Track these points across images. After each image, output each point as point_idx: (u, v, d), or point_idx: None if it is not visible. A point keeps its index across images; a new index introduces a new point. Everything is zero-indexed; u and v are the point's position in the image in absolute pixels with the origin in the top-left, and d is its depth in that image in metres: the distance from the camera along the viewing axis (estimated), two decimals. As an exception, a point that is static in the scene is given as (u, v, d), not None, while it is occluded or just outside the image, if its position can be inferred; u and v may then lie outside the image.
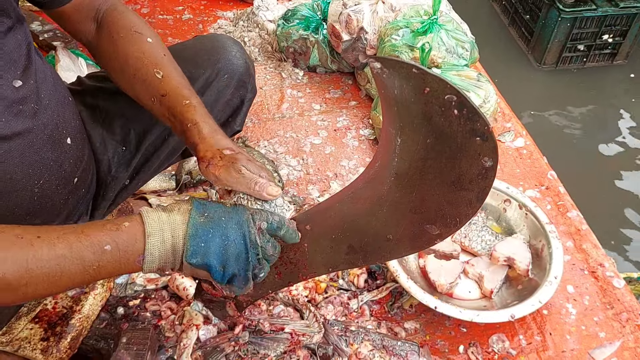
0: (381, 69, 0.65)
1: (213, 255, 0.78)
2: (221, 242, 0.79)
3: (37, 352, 1.05)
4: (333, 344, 1.15)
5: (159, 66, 1.05)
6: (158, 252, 0.78)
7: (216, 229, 0.79)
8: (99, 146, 1.25)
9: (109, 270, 0.77)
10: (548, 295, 1.21)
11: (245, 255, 0.80)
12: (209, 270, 0.79)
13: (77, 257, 0.74)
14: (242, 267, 0.80)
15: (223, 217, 0.80)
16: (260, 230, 0.82)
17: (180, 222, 0.79)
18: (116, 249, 0.76)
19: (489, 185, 0.71)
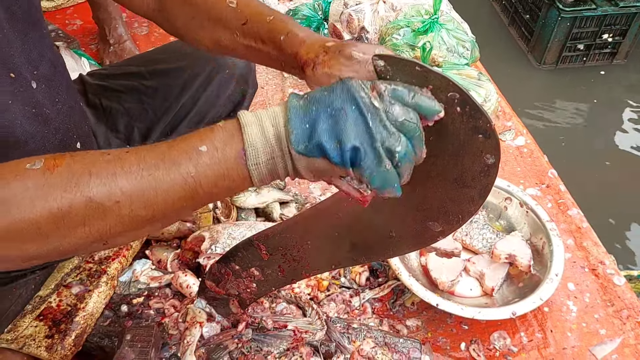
0: (384, 67, 0.65)
1: (322, 133, 0.61)
2: (327, 116, 0.61)
3: (41, 349, 1.06)
4: (335, 341, 1.15)
5: None
6: (260, 143, 0.63)
7: (319, 104, 0.62)
8: (103, 145, 1.25)
9: (211, 179, 0.64)
10: (549, 293, 1.22)
11: (362, 120, 0.60)
12: (325, 153, 0.61)
13: (171, 163, 0.62)
14: (365, 137, 0.60)
15: (325, 92, 0.63)
16: (380, 94, 0.62)
17: (280, 110, 0.64)
18: (213, 149, 0.63)
19: (491, 183, 0.72)
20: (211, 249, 1.27)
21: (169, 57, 1.34)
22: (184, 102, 1.32)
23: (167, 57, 1.35)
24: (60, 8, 2.39)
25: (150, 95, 1.29)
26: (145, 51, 1.46)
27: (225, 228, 1.29)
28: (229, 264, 1.02)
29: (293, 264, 0.97)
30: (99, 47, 2.11)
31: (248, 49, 0.92)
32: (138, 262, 1.30)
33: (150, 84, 1.29)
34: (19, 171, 0.60)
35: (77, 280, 1.18)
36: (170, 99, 1.30)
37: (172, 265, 1.31)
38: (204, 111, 1.34)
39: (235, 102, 1.39)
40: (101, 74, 1.34)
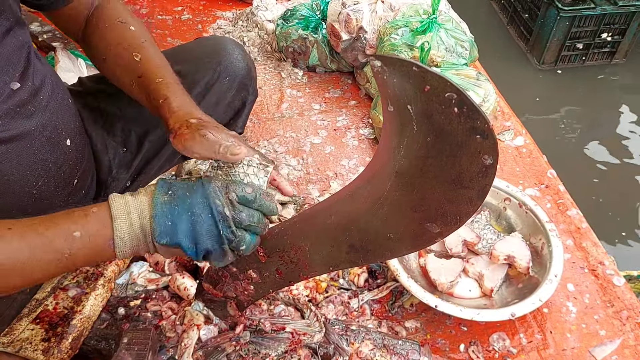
0: (382, 67, 0.65)
1: (181, 233, 0.76)
2: (188, 219, 0.76)
3: (38, 352, 1.05)
4: (334, 343, 1.15)
5: (137, 50, 1.05)
6: (128, 235, 0.76)
7: (181, 205, 0.76)
8: (100, 147, 1.25)
9: (82, 258, 0.76)
10: (548, 294, 1.21)
11: (215, 229, 0.77)
12: (182, 248, 0.77)
13: (48, 245, 0.74)
14: (215, 241, 0.77)
15: (187, 192, 0.77)
16: (230, 202, 0.78)
17: (146, 203, 0.77)
18: (86, 235, 0.75)
19: (490, 183, 0.71)
20: (209, 251, 1.26)
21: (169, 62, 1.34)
22: None
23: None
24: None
25: None
26: None
27: (223, 230, 1.29)
28: (227, 266, 1.01)
29: (291, 266, 0.96)
30: (96, 48, 2.10)
31: (140, 99, 1.04)
32: (135, 264, 1.30)
33: None
34: None
35: (74, 283, 1.17)
36: None
37: (169, 267, 1.30)
38: None
39: (235, 109, 1.38)
40: (99, 77, 1.34)
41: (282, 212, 1.50)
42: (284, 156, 1.78)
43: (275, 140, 1.84)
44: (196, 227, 0.76)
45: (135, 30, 1.10)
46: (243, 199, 0.79)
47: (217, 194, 0.77)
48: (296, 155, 1.78)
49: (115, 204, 0.77)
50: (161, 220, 0.76)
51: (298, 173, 1.72)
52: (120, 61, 1.05)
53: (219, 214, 0.76)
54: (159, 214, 0.76)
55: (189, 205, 0.76)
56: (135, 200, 0.77)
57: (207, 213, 0.76)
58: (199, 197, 0.76)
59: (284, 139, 1.85)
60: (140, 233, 0.77)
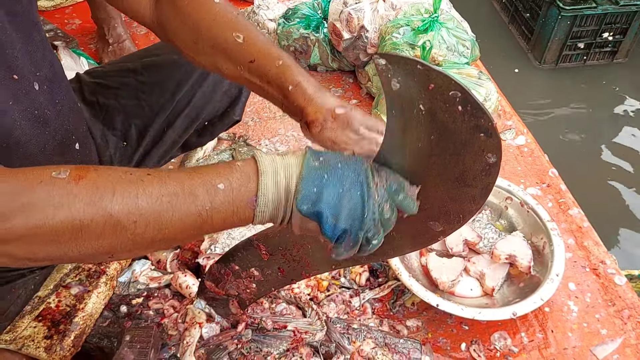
0: (385, 66, 0.65)
1: (325, 203, 0.67)
2: (335, 190, 0.68)
3: (40, 350, 1.06)
4: (335, 341, 1.15)
5: (236, 29, 0.93)
6: (271, 194, 0.69)
7: (331, 174, 0.68)
8: (100, 142, 1.25)
9: (222, 215, 0.68)
10: (550, 293, 1.22)
11: (361, 208, 0.68)
12: (320, 221, 0.68)
13: (190, 194, 0.67)
14: (356, 223, 0.68)
15: (339, 164, 0.69)
16: (382, 187, 0.70)
17: (295, 164, 0.69)
18: (229, 188, 0.68)
19: (493, 182, 0.71)
20: (210, 249, 1.26)
21: (164, 53, 1.33)
22: (180, 98, 1.31)
23: (162, 52, 1.34)
24: (59, 7, 2.39)
25: (146, 91, 1.29)
26: (142, 48, 1.45)
27: (225, 228, 1.29)
28: (229, 264, 1.01)
29: (293, 264, 0.96)
30: (97, 47, 2.10)
31: (252, 84, 0.94)
32: (137, 262, 1.30)
33: (146, 80, 1.29)
34: (44, 177, 0.62)
35: (77, 281, 1.17)
36: (166, 94, 1.29)
37: (171, 266, 1.30)
38: (200, 106, 1.33)
39: (232, 97, 1.38)
40: (97, 72, 1.34)
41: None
42: (285, 155, 1.77)
43: (276, 139, 1.84)
44: (342, 200, 0.68)
45: (221, 2, 0.97)
46: (390, 188, 0.71)
47: (370, 174, 0.69)
48: (298, 154, 1.78)
49: (264, 159, 0.70)
50: (308, 184, 0.68)
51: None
52: (220, 44, 0.94)
53: (368, 196, 0.68)
54: (307, 177, 0.68)
55: (340, 176, 0.68)
56: (283, 160, 0.70)
57: (357, 190, 0.68)
58: (352, 172, 0.68)
59: (286, 137, 1.85)
60: (283, 194, 0.69)
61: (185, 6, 0.96)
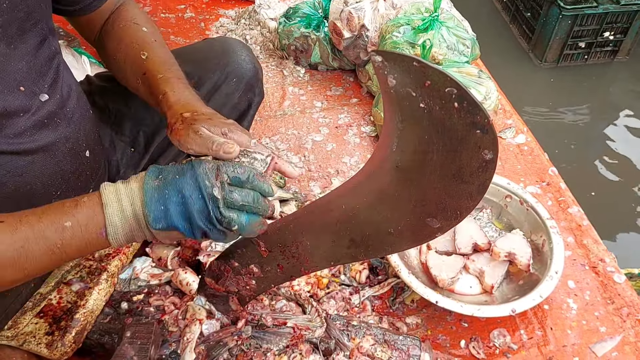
0: (382, 63, 0.65)
1: (175, 216, 0.76)
2: (179, 201, 0.76)
3: (42, 346, 1.06)
4: (335, 338, 1.15)
5: (145, 49, 1.05)
6: (120, 222, 0.76)
7: (171, 188, 0.76)
8: (108, 147, 1.26)
9: (75, 248, 0.76)
10: (549, 290, 1.22)
11: (206, 209, 0.76)
12: (179, 231, 0.77)
13: (40, 237, 0.74)
14: (208, 221, 0.77)
15: (177, 175, 0.77)
16: (221, 183, 0.77)
17: (137, 189, 0.77)
18: (77, 225, 0.75)
19: (490, 178, 0.72)
20: (211, 247, 1.27)
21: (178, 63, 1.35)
22: None
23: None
24: (61, 7, 2.39)
25: None
26: None
27: (225, 225, 1.29)
28: (228, 261, 1.02)
29: (292, 261, 0.97)
30: (99, 46, 2.11)
31: (145, 96, 1.04)
32: (138, 259, 1.31)
33: None
34: None
35: (78, 278, 1.18)
36: None
37: (172, 263, 1.31)
38: None
39: (241, 110, 1.39)
40: (108, 76, 1.34)
41: (284, 208, 1.51)
42: (285, 153, 1.78)
43: (277, 137, 1.84)
44: (188, 207, 0.76)
45: (147, 31, 1.10)
46: (235, 180, 0.78)
47: (207, 175, 0.76)
48: (298, 153, 1.79)
49: (106, 191, 0.77)
50: (153, 205, 0.76)
51: (300, 170, 1.72)
52: (129, 59, 1.06)
53: (208, 195, 0.75)
54: (150, 200, 0.76)
55: (179, 187, 0.76)
56: (126, 187, 0.77)
57: (197, 194, 0.75)
58: (189, 179, 0.76)
59: (286, 136, 1.85)
60: (132, 219, 0.77)
61: (119, 29, 1.11)
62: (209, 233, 0.78)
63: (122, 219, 0.76)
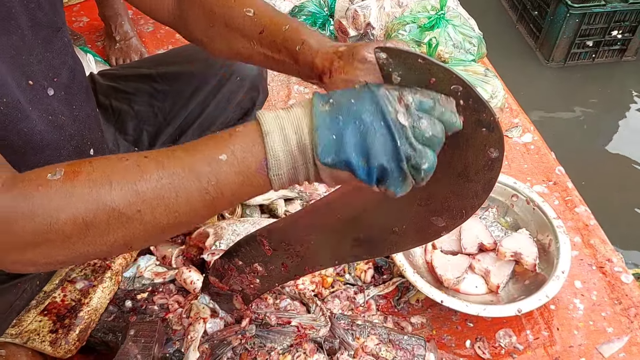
0: (386, 59, 0.65)
1: (350, 148, 0.60)
2: (356, 129, 0.60)
3: (46, 344, 1.07)
4: (339, 337, 1.15)
5: (246, 4, 0.93)
6: (282, 153, 0.62)
7: (346, 114, 0.61)
8: (112, 146, 1.25)
9: (232, 187, 0.63)
10: (555, 290, 1.21)
11: (391, 141, 0.60)
12: (351, 168, 0.61)
13: (191, 171, 0.62)
14: (392, 157, 0.60)
15: (352, 99, 0.61)
16: (407, 107, 0.61)
17: (303, 115, 0.62)
18: (233, 157, 0.62)
19: (495, 177, 0.71)
20: (215, 245, 1.26)
21: (181, 61, 1.35)
22: (194, 108, 1.33)
23: (179, 60, 1.35)
24: (66, 5, 2.39)
25: (161, 98, 1.30)
26: (158, 53, 1.47)
27: (230, 224, 1.29)
28: (232, 260, 1.02)
29: (296, 260, 0.96)
30: (105, 44, 2.11)
31: (265, 58, 0.92)
32: (142, 257, 1.31)
33: (160, 88, 1.30)
34: (40, 182, 0.62)
35: (82, 276, 1.18)
36: (180, 103, 1.30)
37: (176, 261, 1.31)
38: (213, 117, 1.35)
39: (245, 109, 1.39)
40: (112, 75, 1.34)
41: (288, 207, 1.51)
42: (291, 152, 1.77)
43: (282, 136, 1.84)
44: (367, 138, 0.60)
45: None
46: (421, 105, 0.62)
47: (390, 99, 0.61)
48: (303, 151, 1.78)
49: (266, 117, 0.63)
50: (324, 133, 0.60)
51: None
52: (233, 22, 0.94)
53: (394, 123, 0.60)
54: (321, 126, 0.60)
55: (356, 112, 0.60)
56: (289, 113, 0.63)
57: (380, 121, 0.60)
58: (368, 104, 0.61)
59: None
60: (297, 151, 0.62)
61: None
62: (389, 175, 0.61)
63: (286, 150, 0.62)
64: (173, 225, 0.65)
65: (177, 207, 0.63)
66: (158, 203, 0.62)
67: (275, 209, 1.47)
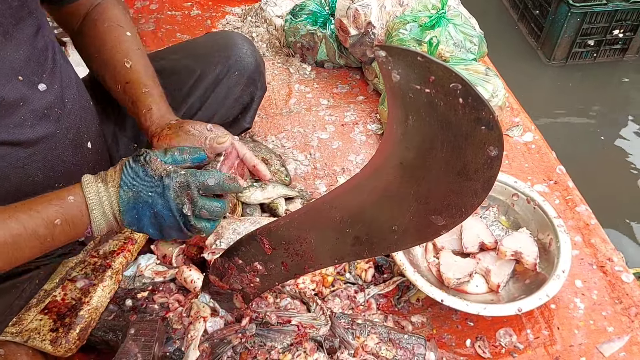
0: (386, 58, 0.65)
1: (147, 226, 0.87)
2: (151, 215, 0.85)
3: (46, 342, 1.07)
4: (339, 336, 1.15)
5: (129, 57, 1.10)
6: (104, 222, 0.86)
7: (143, 204, 0.85)
8: (111, 143, 1.26)
9: (63, 240, 0.85)
10: (555, 289, 1.21)
11: (177, 225, 0.86)
12: (149, 234, 0.89)
13: (32, 233, 0.81)
14: (179, 231, 0.87)
15: (150, 193, 0.84)
16: (192, 199, 0.85)
17: (114, 195, 0.85)
18: (65, 223, 0.84)
19: (495, 175, 0.71)
20: (216, 244, 1.26)
21: (179, 57, 1.35)
22: (192, 103, 1.33)
23: (177, 57, 1.35)
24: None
25: None
26: (157, 50, 1.46)
27: (230, 223, 1.29)
28: (232, 258, 1.02)
29: (296, 259, 0.96)
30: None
31: (124, 102, 1.11)
32: (143, 256, 1.31)
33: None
34: None
35: (82, 275, 1.18)
36: (178, 99, 1.30)
37: (177, 260, 1.31)
38: (211, 113, 1.34)
39: (244, 104, 1.39)
40: None
41: (289, 206, 1.51)
42: (291, 151, 1.78)
43: (282, 135, 1.84)
44: (159, 221, 0.86)
45: (131, 36, 1.15)
46: (206, 190, 0.86)
47: (178, 194, 0.84)
48: (304, 151, 1.78)
49: (90, 194, 0.85)
50: (128, 214, 0.85)
51: (305, 168, 1.72)
52: (112, 63, 1.10)
53: (178, 212, 0.85)
54: (126, 210, 0.85)
55: (151, 205, 0.84)
56: (106, 190, 0.85)
57: (168, 213, 0.85)
58: (160, 199, 0.84)
59: (292, 134, 1.85)
60: (112, 219, 0.87)
61: (103, 27, 1.14)
62: (178, 237, 0.90)
63: (105, 220, 0.86)
64: (11, 266, 0.84)
65: (19, 256, 0.83)
66: (3, 255, 0.80)
67: (275, 207, 1.47)
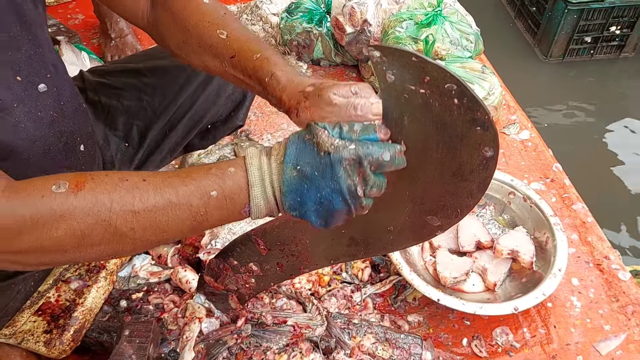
0: (380, 58, 0.64)
1: (311, 213, 0.73)
2: (317, 199, 0.71)
3: (40, 344, 1.06)
4: (336, 336, 1.14)
5: (221, 26, 0.95)
6: (263, 202, 0.73)
7: (309, 185, 0.71)
8: (102, 143, 1.25)
9: (216, 218, 0.74)
10: (552, 288, 1.20)
11: (347, 209, 0.72)
12: (310, 221, 0.74)
13: (185, 202, 0.71)
14: (347, 216, 0.73)
15: (316, 173, 0.70)
16: (364, 178, 0.70)
17: (277, 173, 0.73)
18: (222, 196, 0.72)
19: (490, 176, 0.71)
20: (211, 244, 1.26)
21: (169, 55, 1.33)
22: (183, 101, 1.31)
23: (167, 55, 1.34)
24: (62, 2, 2.39)
25: (150, 93, 1.28)
26: (147, 48, 1.45)
27: (226, 223, 1.28)
28: (227, 259, 1.01)
29: (291, 259, 0.96)
30: (100, 41, 2.10)
31: (237, 80, 0.96)
32: (137, 257, 1.30)
33: (149, 82, 1.28)
34: (45, 192, 0.68)
35: (76, 276, 1.17)
36: (169, 97, 1.29)
37: (172, 261, 1.30)
38: (203, 110, 1.33)
39: (236, 101, 1.38)
40: (101, 71, 1.33)
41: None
42: (287, 150, 1.77)
43: (279, 133, 1.83)
44: (326, 207, 0.72)
45: (210, 2, 1.00)
46: (379, 167, 0.70)
47: (349, 174, 0.69)
48: (300, 149, 1.77)
49: (252, 168, 0.73)
50: (291, 196, 0.72)
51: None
52: (205, 41, 0.96)
53: (351, 196, 0.70)
54: (289, 191, 0.72)
55: (318, 187, 0.70)
56: (269, 166, 0.73)
57: (338, 197, 0.70)
58: (329, 181, 0.70)
59: (288, 132, 1.84)
60: (272, 201, 0.74)
61: (176, 8, 0.99)
62: (341, 222, 0.75)
63: (264, 199, 0.73)
64: (158, 241, 0.75)
65: (167, 229, 0.72)
66: (150, 224, 0.70)
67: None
